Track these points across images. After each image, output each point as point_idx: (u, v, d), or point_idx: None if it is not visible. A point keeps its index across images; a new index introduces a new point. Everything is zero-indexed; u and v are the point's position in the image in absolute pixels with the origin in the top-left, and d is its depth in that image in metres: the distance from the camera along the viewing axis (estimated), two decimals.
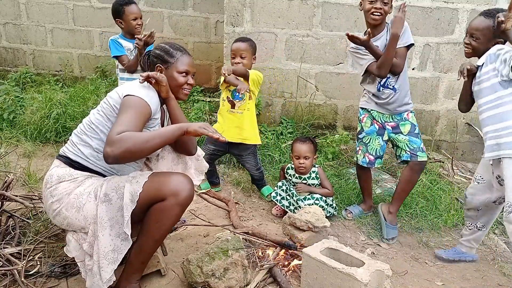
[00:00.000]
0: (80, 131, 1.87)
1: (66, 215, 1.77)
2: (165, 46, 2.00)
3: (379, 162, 2.77)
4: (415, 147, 2.62)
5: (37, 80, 5.01)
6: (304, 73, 3.89)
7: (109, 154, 1.58)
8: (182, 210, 1.80)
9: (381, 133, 2.72)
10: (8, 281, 1.89)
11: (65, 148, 1.89)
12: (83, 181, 1.80)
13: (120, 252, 1.70)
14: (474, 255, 2.54)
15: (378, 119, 2.71)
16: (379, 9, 2.46)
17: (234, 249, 1.97)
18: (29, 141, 3.60)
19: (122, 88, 1.85)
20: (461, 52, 3.76)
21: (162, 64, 1.96)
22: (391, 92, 2.62)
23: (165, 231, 1.83)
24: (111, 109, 1.81)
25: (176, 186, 1.74)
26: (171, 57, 1.96)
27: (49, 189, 1.80)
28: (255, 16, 3.74)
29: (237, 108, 2.85)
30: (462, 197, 3.22)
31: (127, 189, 1.70)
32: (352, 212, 2.91)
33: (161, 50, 1.98)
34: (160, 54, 1.97)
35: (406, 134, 2.65)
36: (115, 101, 1.81)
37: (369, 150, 2.74)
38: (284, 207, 2.81)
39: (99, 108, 1.86)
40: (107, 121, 1.81)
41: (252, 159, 2.99)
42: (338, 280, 1.80)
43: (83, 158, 1.82)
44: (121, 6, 2.97)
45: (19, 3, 5.19)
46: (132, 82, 1.91)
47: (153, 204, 1.74)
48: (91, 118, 1.86)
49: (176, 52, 1.98)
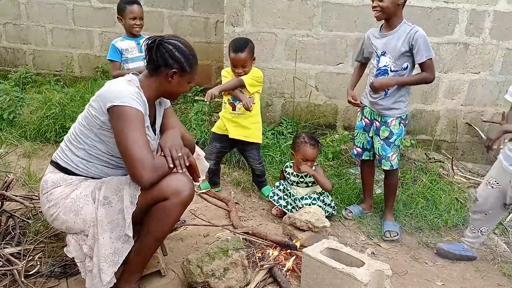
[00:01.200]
0: (68, 138, 1.85)
1: (64, 219, 1.76)
2: (186, 50, 1.81)
3: (367, 155, 2.84)
4: (383, 154, 2.69)
5: (37, 80, 5.01)
6: (304, 73, 3.89)
7: (148, 179, 1.64)
8: (183, 209, 1.80)
9: (367, 129, 2.77)
10: (8, 281, 1.89)
11: (56, 154, 1.87)
12: (78, 185, 1.79)
13: (120, 255, 1.70)
14: (474, 252, 2.56)
15: (367, 116, 2.75)
16: (375, 7, 2.48)
17: (234, 249, 1.97)
18: (29, 141, 3.60)
19: (103, 95, 1.73)
20: (461, 52, 3.77)
21: (179, 70, 1.79)
22: (382, 94, 2.61)
23: (167, 230, 1.84)
24: (94, 119, 1.74)
25: (178, 186, 1.73)
26: (190, 67, 1.83)
27: (45, 194, 1.80)
28: (255, 16, 3.74)
29: (237, 110, 2.87)
30: (462, 197, 3.22)
31: (126, 191, 1.70)
32: (352, 211, 2.91)
33: (181, 54, 1.79)
34: (180, 59, 1.78)
35: (382, 139, 2.68)
36: (97, 111, 1.72)
37: (356, 143, 2.87)
38: (282, 207, 2.80)
39: (83, 117, 1.80)
40: (90, 133, 1.77)
41: (256, 153, 3.02)
42: (338, 280, 1.80)
43: (73, 166, 1.81)
44: (124, 4, 3.08)
45: (19, 3, 5.19)
46: (111, 84, 1.77)
47: (154, 204, 1.74)
48: (76, 129, 1.82)
49: (194, 60, 1.84)
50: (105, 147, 1.79)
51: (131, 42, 3.14)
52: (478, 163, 4.01)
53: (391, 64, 2.54)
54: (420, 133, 4.01)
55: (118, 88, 1.72)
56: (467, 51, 3.77)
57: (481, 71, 3.83)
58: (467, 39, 3.74)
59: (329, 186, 2.80)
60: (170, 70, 1.78)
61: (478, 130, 3.95)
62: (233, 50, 2.78)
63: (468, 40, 3.74)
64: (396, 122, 2.62)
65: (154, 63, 1.79)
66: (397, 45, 2.50)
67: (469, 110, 3.97)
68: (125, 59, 3.13)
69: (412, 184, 3.29)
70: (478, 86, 3.88)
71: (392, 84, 2.54)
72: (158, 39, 1.79)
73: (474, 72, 3.84)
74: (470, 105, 3.94)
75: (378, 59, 2.59)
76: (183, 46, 1.81)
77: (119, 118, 1.66)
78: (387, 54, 2.55)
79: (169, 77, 1.80)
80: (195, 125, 3.82)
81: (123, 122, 1.66)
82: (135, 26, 3.09)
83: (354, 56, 3.74)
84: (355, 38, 3.75)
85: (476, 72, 3.84)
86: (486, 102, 3.93)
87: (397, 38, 2.51)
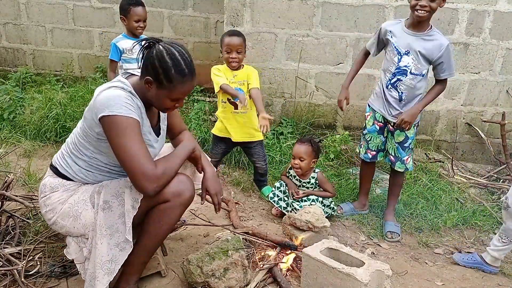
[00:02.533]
0: (68, 146, 1.81)
1: (63, 224, 1.75)
2: (169, 61, 1.60)
3: (381, 155, 2.81)
4: (398, 157, 2.68)
5: (37, 80, 5.00)
6: (304, 73, 3.89)
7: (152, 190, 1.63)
8: (184, 210, 1.80)
9: (381, 132, 2.73)
10: (8, 281, 1.89)
11: (56, 159, 1.84)
12: (76, 190, 1.78)
13: (117, 263, 1.67)
14: (496, 268, 2.40)
15: (380, 120, 2.70)
16: (425, 7, 2.31)
17: (234, 249, 1.97)
18: (29, 141, 3.60)
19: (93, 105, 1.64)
20: (461, 52, 3.77)
21: (154, 79, 1.63)
22: (396, 97, 2.56)
23: (167, 231, 1.83)
24: (89, 131, 1.69)
25: (178, 187, 1.73)
26: (169, 82, 1.62)
27: (43, 198, 1.79)
28: (255, 16, 3.74)
29: (240, 109, 2.84)
30: (462, 197, 3.22)
31: (127, 195, 1.68)
32: (343, 208, 2.92)
33: (161, 64, 1.60)
34: (157, 69, 1.61)
35: (396, 142, 2.67)
36: (91, 123, 1.66)
37: (370, 147, 2.78)
38: (281, 208, 2.80)
39: (81, 129, 1.74)
40: (89, 145, 1.73)
41: (260, 150, 3.02)
42: (338, 280, 1.80)
43: (71, 174, 1.79)
44: (129, 5, 3.04)
45: (19, 3, 5.19)
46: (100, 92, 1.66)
47: (154, 205, 1.73)
48: (75, 138, 1.78)
49: (176, 76, 1.61)
50: (106, 158, 1.75)
51: (132, 41, 3.05)
52: (478, 163, 4.01)
53: (413, 66, 2.47)
54: (420, 133, 4.01)
55: (106, 95, 1.61)
56: (467, 51, 3.78)
57: (481, 71, 3.83)
58: (467, 39, 3.74)
59: (329, 195, 2.79)
60: (146, 76, 1.64)
61: (478, 130, 3.95)
62: (228, 35, 2.76)
63: (468, 40, 3.74)
64: (411, 126, 2.59)
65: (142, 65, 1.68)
66: (424, 48, 2.43)
67: (469, 110, 3.97)
68: (124, 58, 3.10)
69: (412, 184, 3.29)
70: (478, 86, 3.88)
71: (419, 112, 2.54)
72: (152, 42, 1.66)
73: (474, 72, 3.84)
74: (470, 105, 3.95)
75: (400, 57, 2.49)
76: (167, 57, 1.60)
77: (111, 129, 1.58)
78: (411, 55, 2.47)
79: (145, 84, 1.66)
80: (195, 125, 3.82)
81: (117, 133, 1.58)
82: (139, 28, 3.07)
83: (354, 56, 3.78)
84: (355, 38, 3.75)
85: (476, 72, 3.84)
86: (486, 102, 3.93)
87: (426, 42, 2.43)
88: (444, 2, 2.37)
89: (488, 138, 3.95)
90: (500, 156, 3.89)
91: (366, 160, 2.84)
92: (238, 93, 2.71)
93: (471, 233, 2.87)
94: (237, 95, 2.70)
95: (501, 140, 3.81)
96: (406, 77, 2.50)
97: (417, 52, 2.45)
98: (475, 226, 2.93)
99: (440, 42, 2.43)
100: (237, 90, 2.74)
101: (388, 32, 2.54)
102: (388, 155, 2.75)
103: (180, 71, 1.62)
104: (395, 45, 2.50)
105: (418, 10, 2.35)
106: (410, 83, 2.51)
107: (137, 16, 3.03)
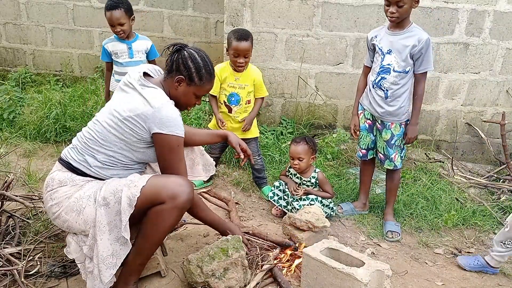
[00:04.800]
0: (86, 139, 1.82)
1: (66, 218, 1.76)
2: (200, 62, 1.85)
3: (371, 153, 2.86)
4: (386, 154, 2.73)
5: (37, 80, 5.00)
6: (304, 73, 3.89)
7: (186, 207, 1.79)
8: (181, 213, 1.79)
9: (371, 130, 2.79)
10: (8, 281, 1.89)
11: (67, 153, 1.85)
12: (83, 185, 1.79)
13: (118, 257, 1.69)
14: (497, 269, 2.44)
15: (368, 117, 2.76)
16: (393, 13, 2.43)
17: (234, 249, 1.97)
18: (29, 141, 3.60)
19: (149, 116, 1.73)
20: (461, 52, 3.77)
21: (186, 78, 1.85)
22: (382, 96, 2.61)
23: (163, 234, 1.82)
24: (132, 133, 1.76)
25: (174, 189, 1.73)
26: (199, 80, 1.86)
27: (49, 192, 1.79)
28: (255, 16, 3.74)
29: (234, 113, 2.88)
30: (462, 197, 3.22)
31: (124, 193, 1.69)
32: (343, 208, 2.93)
33: (194, 64, 1.84)
34: (190, 68, 1.84)
35: (384, 141, 2.71)
36: (139, 129, 1.75)
37: (361, 145, 2.85)
38: (282, 207, 2.80)
39: (113, 125, 1.77)
40: (119, 142, 1.78)
41: (255, 146, 3.05)
42: (338, 280, 1.80)
43: (86, 167, 1.80)
44: (106, 9, 2.92)
45: (19, 3, 5.18)
46: (164, 108, 1.76)
47: (152, 207, 1.73)
48: (98, 133, 1.80)
49: (206, 76, 1.87)
50: (132, 155, 1.83)
51: (122, 45, 3.01)
52: (478, 163, 4.01)
53: (395, 64, 2.54)
54: (420, 133, 4.00)
55: (167, 114, 1.76)
56: (467, 51, 3.77)
57: (481, 71, 3.83)
58: (467, 39, 3.74)
59: (328, 196, 2.79)
60: (179, 75, 1.83)
61: (478, 130, 3.95)
62: (236, 38, 2.68)
63: (468, 40, 3.74)
64: (397, 125, 2.66)
65: (169, 66, 1.87)
66: (404, 45, 2.49)
67: (469, 110, 3.97)
68: (114, 60, 3.05)
69: (412, 184, 3.29)
70: (478, 86, 3.88)
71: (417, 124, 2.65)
72: (180, 46, 1.86)
73: (474, 72, 3.84)
74: (470, 105, 3.94)
75: (383, 57, 2.58)
76: (198, 58, 1.85)
77: (164, 146, 1.78)
78: (393, 53, 2.54)
79: (175, 83, 1.84)
80: (196, 125, 3.82)
81: (169, 150, 1.78)
82: (118, 32, 2.92)
83: (354, 56, 3.79)
84: (355, 38, 3.75)
85: (476, 72, 3.84)
86: (486, 102, 3.93)
87: (405, 39, 2.50)
88: (417, 3, 2.45)
89: (488, 138, 3.95)
90: (500, 156, 3.89)
91: (359, 158, 2.93)
92: (217, 115, 2.89)
93: (471, 233, 2.87)
94: (215, 115, 2.89)
95: (501, 140, 3.80)
96: (390, 75, 2.57)
97: (398, 49, 2.53)
98: (475, 226, 2.93)
99: (419, 37, 2.48)
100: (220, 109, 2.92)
101: (374, 37, 2.66)
102: (378, 154, 2.80)
103: (208, 71, 1.88)
104: (379, 46, 2.61)
105: (388, 17, 2.49)
106: (394, 80, 2.57)
107: (109, 20, 2.90)
